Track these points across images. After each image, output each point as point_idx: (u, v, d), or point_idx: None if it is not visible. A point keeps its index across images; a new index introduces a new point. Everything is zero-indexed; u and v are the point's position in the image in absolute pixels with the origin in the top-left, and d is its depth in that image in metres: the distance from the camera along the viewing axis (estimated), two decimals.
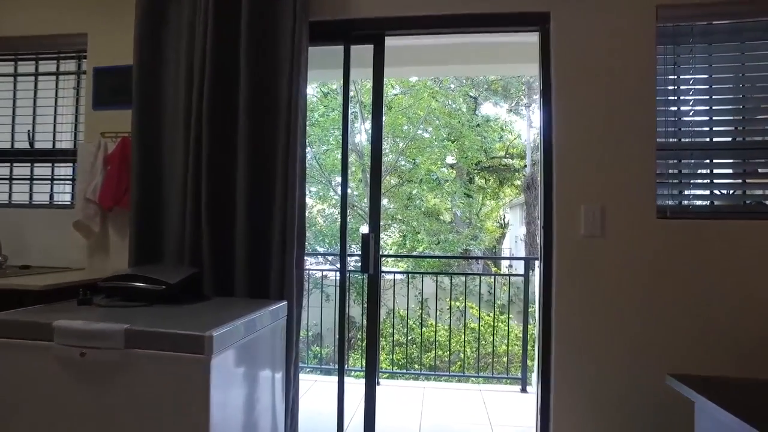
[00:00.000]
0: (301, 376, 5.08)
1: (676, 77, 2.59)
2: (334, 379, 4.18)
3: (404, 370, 5.16)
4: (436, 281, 5.17)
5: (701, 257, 2.44)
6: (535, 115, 18.23)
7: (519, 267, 14.44)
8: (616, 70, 2.54)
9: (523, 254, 20.56)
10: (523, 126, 20.94)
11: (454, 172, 17.76)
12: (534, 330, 4.90)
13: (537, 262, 5.03)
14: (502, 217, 31.70)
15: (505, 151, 20.24)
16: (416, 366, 5.38)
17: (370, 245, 2.80)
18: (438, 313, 7.00)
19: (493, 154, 18.89)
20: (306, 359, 5.70)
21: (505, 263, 22.52)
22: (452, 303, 6.82)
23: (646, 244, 2.49)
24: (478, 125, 15.43)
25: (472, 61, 4.48)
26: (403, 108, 10.79)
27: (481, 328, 5.54)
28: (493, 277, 8.28)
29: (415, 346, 5.80)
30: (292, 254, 2.56)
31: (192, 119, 2.65)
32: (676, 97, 2.59)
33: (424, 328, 5.81)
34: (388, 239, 13.42)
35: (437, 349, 5.62)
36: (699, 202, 2.62)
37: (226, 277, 2.62)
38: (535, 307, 5.00)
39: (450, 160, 18.02)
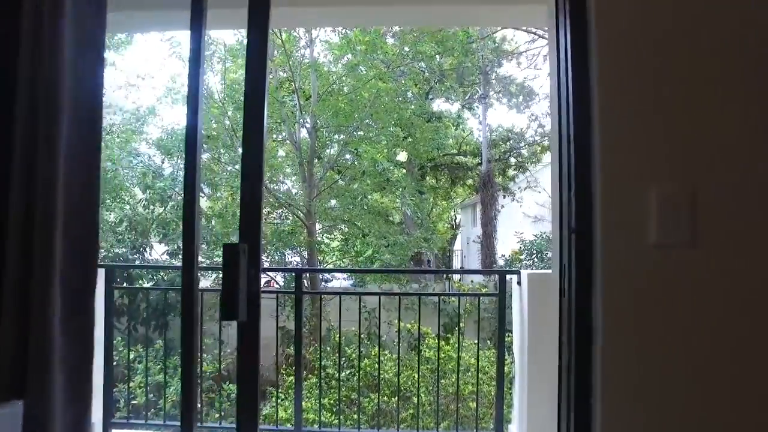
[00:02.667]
0: None
1: None
2: None
3: (336, 428, 3.81)
4: (379, 303, 3.90)
5: None
6: (489, 111, 17.42)
7: (476, 277, 13.44)
8: None
9: (477, 258, 19.60)
10: (476, 122, 20.16)
11: (404, 169, 16.61)
12: (512, 368, 3.68)
13: (515, 277, 3.84)
14: (454, 217, 31.10)
15: (458, 147, 19.31)
16: (355, 416, 4.06)
17: (241, 265, 1.45)
18: (384, 339, 5.72)
19: (446, 150, 17.90)
20: (216, 406, 4.27)
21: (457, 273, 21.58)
22: (402, 325, 5.55)
23: None
24: (428, 121, 14.34)
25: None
26: (346, 93, 9.46)
27: (441, 360, 4.31)
28: (457, 296, 7.16)
29: (355, 379, 4.47)
30: (49, 278, 1.18)
31: None
32: None
33: (366, 360, 4.53)
34: (331, 243, 12.05)
35: (382, 392, 4.33)
36: None
37: None
38: (514, 337, 3.82)
39: (401, 158, 16.87)
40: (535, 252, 10.18)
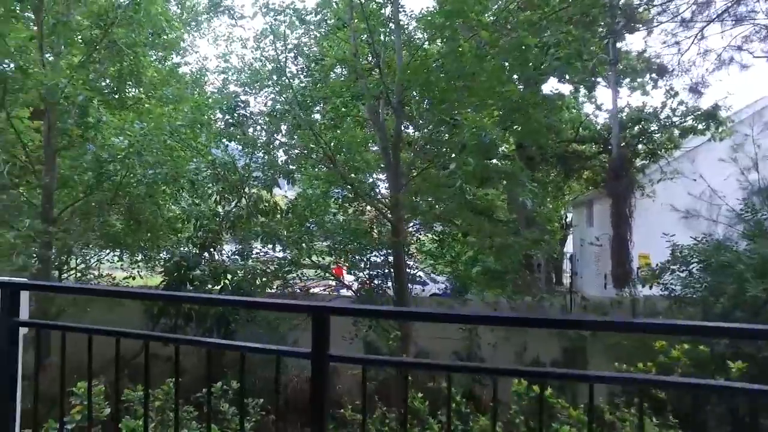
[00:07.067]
0: None
1: None
2: None
3: None
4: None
5: None
6: (606, 91, 14.35)
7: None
8: None
9: (593, 264, 16.31)
10: (607, 98, 17.10)
11: (510, 159, 14.21)
12: None
13: None
14: (564, 216, 27.70)
15: (574, 133, 16.45)
16: None
17: None
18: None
19: (559, 137, 15.18)
20: None
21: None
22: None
23: None
24: (539, 102, 11.85)
25: None
26: (436, 59, 7.44)
27: None
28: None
29: None
30: None
31: None
32: None
33: None
34: (424, 244, 10.15)
35: None
36: None
37: None
38: None
39: (507, 146, 14.47)
40: (695, 260, 7.45)
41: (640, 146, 16.21)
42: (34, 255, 7.94)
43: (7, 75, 8.50)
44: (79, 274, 9.23)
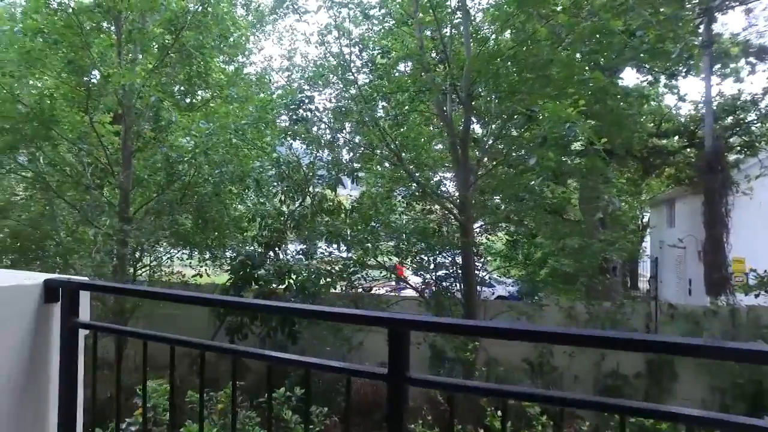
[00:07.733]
0: None
1: None
2: None
3: None
4: None
5: None
6: (694, 80, 13.04)
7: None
8: None
9: (673, 268, 14.82)
10: (690, 88, 15.70)
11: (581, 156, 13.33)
12: None
13: None
14: (641, 216, 25.92)
15: (656, 126, 15.22)
16: None
17: None
18: None
19: (639, 131, 14.05)
20: None
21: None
22: None
23: None
24: (618, 93, 10.99)
25: None
26: (508, 50, 6.94)
27: None
28: None
29: None
30: None
31: None
32: None
33: None
34: (494, 244, 9.66)
35: None
36: None
37: None
38: None
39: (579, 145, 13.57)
40: None
41: (733, 138, 14.74)
42: (113, 252, 8.27)
43: (92, 83, 8.97)
44: (151, 271, 9.56)
